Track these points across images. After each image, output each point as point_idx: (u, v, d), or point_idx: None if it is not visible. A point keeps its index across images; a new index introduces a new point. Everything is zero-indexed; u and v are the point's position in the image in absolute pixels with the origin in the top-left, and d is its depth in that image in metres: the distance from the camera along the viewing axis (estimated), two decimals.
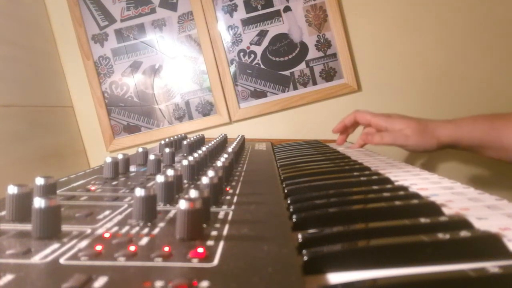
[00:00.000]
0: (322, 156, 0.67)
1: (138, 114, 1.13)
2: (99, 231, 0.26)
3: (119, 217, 0.30)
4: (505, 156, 0.71)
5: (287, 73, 1.10)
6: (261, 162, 0.62)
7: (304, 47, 1.10)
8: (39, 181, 0.32)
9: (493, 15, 1.07)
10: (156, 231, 0.27)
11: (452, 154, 1.06)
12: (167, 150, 0.55)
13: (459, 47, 1.08)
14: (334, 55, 1.09)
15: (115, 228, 0.27)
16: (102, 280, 0.19)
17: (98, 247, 0.23)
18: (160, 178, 0.33)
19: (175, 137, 0.76)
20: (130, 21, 1.12)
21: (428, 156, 1.07)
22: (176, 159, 0.58)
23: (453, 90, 1.08)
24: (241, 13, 1.11)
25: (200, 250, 0.23)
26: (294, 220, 0.31)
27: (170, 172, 0.35)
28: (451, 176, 0.45)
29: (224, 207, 0.33)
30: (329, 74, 1.09)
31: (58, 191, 0.36)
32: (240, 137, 0.79)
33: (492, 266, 0.21)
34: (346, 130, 0.87)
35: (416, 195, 0.36)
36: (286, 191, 0.42)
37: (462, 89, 1.08)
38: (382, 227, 0.29)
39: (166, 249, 0.23)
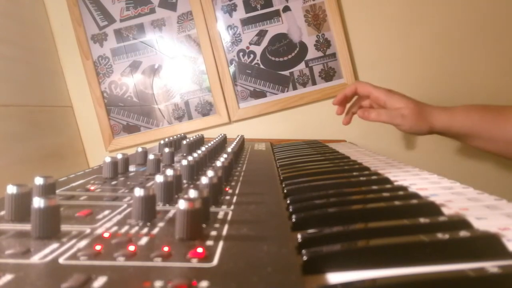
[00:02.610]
0: (321, 156, 0.67)
1: (137, 114, 1.13)
2: (99, 231, 0.26)
3: (119, 217, 0.30)
4: (492, 147, 0.73)
5: (286, 73, 1.10)
6: (261, 162, 0.62)
7: (303, 47, 1.10)
8: (38, 181, 0.31)
9: (492, 15, 1.07)
10: (155, 231, 0.27)
11: (451, 150, 1.06)
12: (166, 150, 0.55)
13: (458, 47, 1.08)
14: (333, 55, 1.09)
15: (115, 228, 0.27)
16: (101, 280, 0.19)
17: (98, 247, 0.23)
18: (159, 178, 0.33)
19: (175, 137, 0.76)
20: (129, 21, 1.12)
21: (428, 153, 1.07)
22: (176, 159, 0.57)
23: (453, 90, 1.08)
24: (240, 13, 1.10)
25: (200, 250, 0.23)
26: (293, 220, 0.31)
27: (169, 172, 0.35)
28: (449, 171, 0.45)
29: (224, 207, 0.33)
30: (329, 74, 1.09)
31: (57, 191, 0.36)
32: (239, 137, 0.79)
33: (491, 266, 0.21)
34: (345, 101, 0.83)
35: (415, 195, 0.36)
36: (285, 191, 0.42)
37: (462, 89, 1.08)
38: (381, 227, 0.29)
39: (166, 249, 0.23)
